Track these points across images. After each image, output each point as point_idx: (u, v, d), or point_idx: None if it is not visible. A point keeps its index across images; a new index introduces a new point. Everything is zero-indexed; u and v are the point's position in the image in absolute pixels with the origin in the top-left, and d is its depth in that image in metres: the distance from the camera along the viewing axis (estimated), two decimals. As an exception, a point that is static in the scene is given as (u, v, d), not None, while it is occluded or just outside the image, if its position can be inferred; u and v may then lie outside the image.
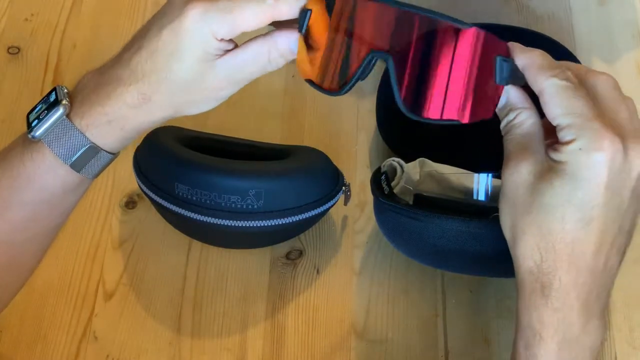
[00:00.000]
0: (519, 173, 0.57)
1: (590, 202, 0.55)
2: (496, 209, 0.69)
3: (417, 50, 0.56)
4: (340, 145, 0.84)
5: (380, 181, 0.73)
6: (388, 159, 0.74)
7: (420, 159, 0.75)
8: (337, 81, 0.59)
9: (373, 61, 0.57)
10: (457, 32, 0.56)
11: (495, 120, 0.62)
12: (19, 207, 0.60)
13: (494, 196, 0.71)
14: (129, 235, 0.80)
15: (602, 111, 0.56)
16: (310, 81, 0.60)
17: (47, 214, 0.61)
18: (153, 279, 0.78)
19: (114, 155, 0.61)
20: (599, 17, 0.94)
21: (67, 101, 0.58)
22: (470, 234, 0.67)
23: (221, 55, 0.57)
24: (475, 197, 0.71)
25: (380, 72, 0.84)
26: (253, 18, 0.56)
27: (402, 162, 0.74)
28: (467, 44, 0.56)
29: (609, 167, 0.54)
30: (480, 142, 0.82)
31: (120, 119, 0.58)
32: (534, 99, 0.58)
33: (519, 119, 0.58)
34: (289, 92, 0.88)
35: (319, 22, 0.58)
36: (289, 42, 0.58)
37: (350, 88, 0.58)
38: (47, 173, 0.59)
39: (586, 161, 0.54)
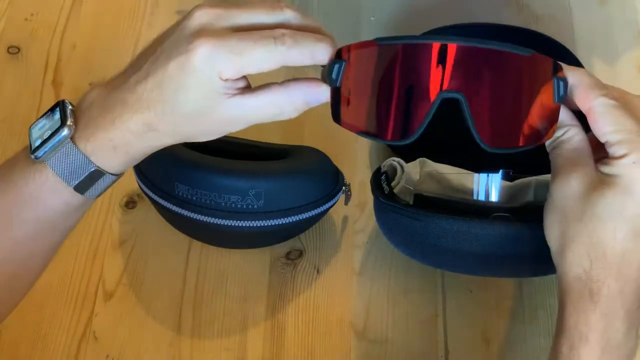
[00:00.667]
0: (570, 185, 0.59)
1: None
2: (496, 209, 0.69)
3: (487, 85, 0.58)
4: (340, 145, 0.84)
5: (381, 181, 0.73)
6: (388, 159, 0.74)
7: (420, 159, 0.75)
8: (401, 128, 0.58)
9: (442, 102, 0.57)
10: (521, 60, 0.58)
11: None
12: (22, 225, 0.59)
13: (502, 196, 0.71)
14: (129, 235, 0.80)
15: None
16: (366, 134, 0.59)
17: (49, 233, 0.61)
18: (153, 279, 0.78)
19: (119, 176, 0.60)
20: (599, 17, 0.94)
21: (72, 121, 0.58)
22: (470, 234, 0.67)
23: (232, 95, 0.56)
24: (475, 197, 0.71)
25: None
26: (262, 61, 0.55)
27: (402, 162, 0.74)
28: (532, 70, 0.58)
29: None
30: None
31: (126, 145, 0.57)
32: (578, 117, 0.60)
33: (567, 135, 0.60)
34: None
35: (353, 70, 0.57)
36: (304, 96, 0.57)
37: (420, 134, 0.58)
38: (50, 194, 0.58)
39: (638, 175, 0.56)
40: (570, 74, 0.59)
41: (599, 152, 0.59)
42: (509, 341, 0.74)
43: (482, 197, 0.71)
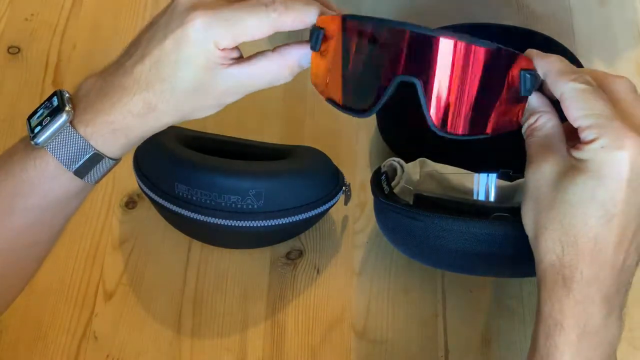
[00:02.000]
0: (542, 172, 0.58)
1: (612, 199, 0.56)
2: (496, 209, 0.69)
3: (441, 72, 0.58)
4: (340, 145, 0.84)
5: (381, 181, 0.73)
6: (388, 159, 0.74)
7: (420, 159, 0.75)
8: (361, 103, 0.60)
9: (399, 84, 0.58)
10: (476, 52, 0.58)
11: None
12: (23, 212, 0.60)
13: (498, 197, 0.71)
14: (129, 235, 0.80)
15: (621, 113, 0.57)
16: (331, 100, 0.61)
17: (50, 220, 0.61)
18: (153, 279, 0.78)
19: (117, 160, 0.61)
20: (599, 17, 0.94)
21: (70, 107, 0.58)
22: (470, 234, 0.67)
23: (228, 65, 0.57)
24: (475, 197, 0.71)
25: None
26: (256, 29, 0.56)
27: (402, 162, 0.74)
28: (488, 62, 0.58)
29: (630, 164, 0.56)
30: (480, 143, 0.82)
31: (125, 127, 0.58)
32: (553, 103, 0.60)
33: (539, 121, 0.60)
34: (289, 92, 0.88)
35: (333, 41, 0.59)
36: (298, 59, 0.59)
37: (376, 111, 0.60)
38: (50, 180, 0.59)
39: (609, 159, 0.56)
40: (543, 61, 0.59)
41: (575, 139, 0.59)
42: (509, 341, 0.74)
43: (482, 197, 0.71)
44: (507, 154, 0.76)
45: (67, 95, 0.60)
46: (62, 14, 0.95)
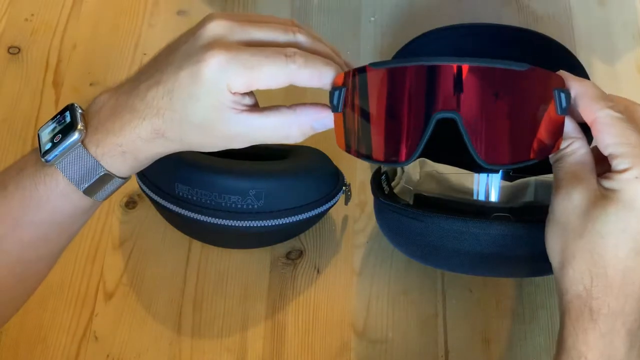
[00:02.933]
0: (571, 199, 0.58)
1: None
2: (496, 209, 0.69)
3: (483, 102, 0.58)
4: (340, 145, 0.84)
5: (381, 181, 0.73)
6: (388, 159, 0.74)
7: (420, 159, 0.75)
8: (400, 151, 0.59)
9: (438, 121, 0.58)
10: (514, 75, 0.57)
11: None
12: (31, 227, 0.60)
13: (502, 196, 0.71)
14: (129, 235, 0.80)
15: None
16: (367, 157, 0.60)
17: (58, 235, 0.61)
18: (153, 278, 0.78)
19: (126, 179, 0.61)
20: (599, 17, 0.94)
21: (83, 126, 0.58)
22: (470, 234, 0.67)
23: (239, 110, 0.56)
24: (475, 197, 0.71)
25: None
26: (272, 77, 0.55)
27: (402, 162, 0.74)
28: (527, 85, 0.58)
29: None
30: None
31: (134, 150, 0.58)
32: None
33: (571, 147, 0.59)
34: (289, 92, 0.88)
35: (357, 95, 0.58)
36: (312, 121, 0.58)
37: (417, 156, 0.59)
38: (60, 197, 0.59)
39: None
40: (575, 84, 0.59)
41: (603, 165, 0.59)
42: (509, 341, 0.74)
43: (482, 197, 0.71)
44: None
45: (80, 111, 0.59)
46: (62, 14, 0.95)
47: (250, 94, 0.57)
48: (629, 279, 0.56)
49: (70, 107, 0.59)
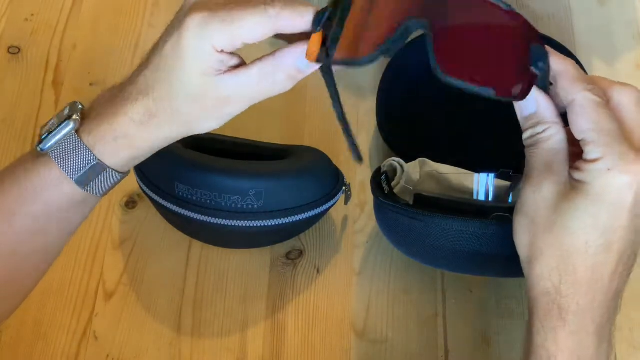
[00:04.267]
0: (541, 191, 0.56)
1: (613, 227, 0.54)
2: (496, 209, 0.69)
3: (454, 19, 0.55)
4: (340, 145, 0.84)
5: (381, 181, 0.73)
6: (388, 159, 0.74)
7: (421, 159, 0.75)
8: (366, 49, 0.54)
9: (409, 29, 0.54)
10: (497, 10, 0.56)
11: (496, 120, 0.61)
12: (25, 218, 0.59)
13: (497, 197, 0.71)
14: (129, 235, 0.80)
15: (627, 131, 0.55)
16: (326, 61, 0.55)
17: (52, 228, 0.61)
18: (153, 279, 0.78)
19: (123, 174, 0.60)
20: (599, 17, 0.94)
21: (78, 117, 0.58)
22: (470, 234, 0.67)
23: (224, 72, 0.55)
24: (475, 197, 0.72)
25: (381, 71, 0.84)
26: (254, 29, 0.54)
27: (402, 162, 0.74)
28: (511, 27, 0.56)
29: (635, 190, 0.54)
30: (480, 143, 0.82)
31: (127, 136, 0.57)
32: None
33: (547, 132, 0.57)
34: (289, 92, 0.88)
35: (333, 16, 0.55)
36: (294, 60, 0.56)
37: (380, 55, 0.54)
38: (53, 187, 0.58)
39: (612, 183, 0.53)
40: (558, 61, 0.57)
41: (576, 159, 0.56)
42: (509, 341, 0.74)
43: (482, 197, 0.71)
44: (507, 154, 0.76)
45: (80, 106, 0.59)
46: (62, 14, 0.95)
47: (237, 55, 0.56)
48: (598, 275, 0.55)
49: (71, 103, 0.60)
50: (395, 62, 0.84)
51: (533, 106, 0.57)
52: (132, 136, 0.57)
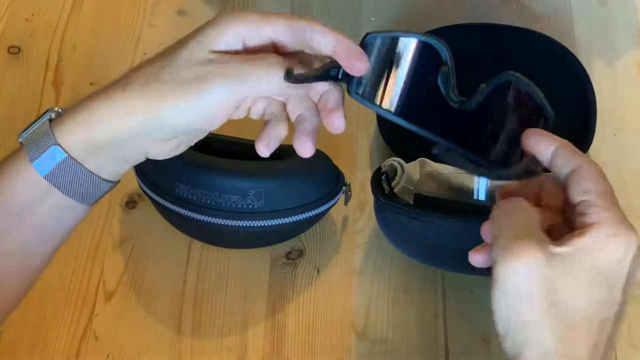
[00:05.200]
0: (518, 271, 0.53)
1: (611, 301, 0.53)
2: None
3: None
4: (340, 145, 0.84)
5: (381, 181, 0.73)
6: (388, 159, 0.74)
7: (421, 159, 0.75)
8: None
9: None
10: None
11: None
12: None
13: (493, 196, 0.71)
14: (129, 235, 0.80)
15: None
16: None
17: (19, 225, 0.57)
18: (153, 278, 0.78)
19: (89, 171, 0.56)
20: (599, 17, 0.94)
21: (61, 109, 0.57)
22: (470, 234, 0.67)
23: (220, 51, 0.54)
24: (475, 197, 0.72)
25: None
26: (282, 26, 0.55)
27: (402, 162, 0.74)
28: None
29: (631, 259, 0.53)
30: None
31: (88, 112, 0.54)
32: None
33: (512, 202, 0.56)
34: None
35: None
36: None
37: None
38: (18, 177, 0.56)
39: (613, 249, 0.53)
40: (554, 139, 0.56)
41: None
42: (509, 341, 0.74)
43: (482, 197, 0.71)
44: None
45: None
46: (62, 14, 0.95)
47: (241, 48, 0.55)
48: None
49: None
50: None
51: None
52: (93, 112, 0.54)
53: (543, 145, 0.56)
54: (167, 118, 0.54)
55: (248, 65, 0.54)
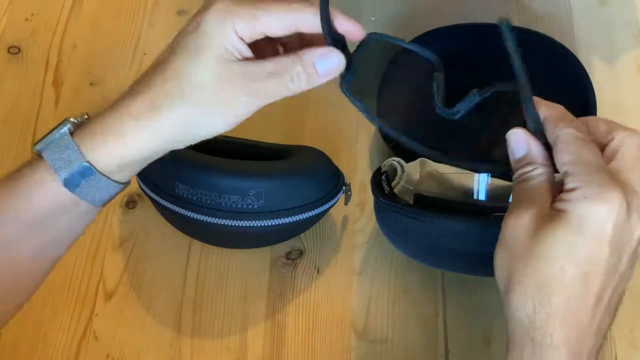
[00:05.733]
0: (520, 220, 0.55)
1: (590, 256, 0.53)
2: (496, 209, 0.69)
3: None
4: (340, 145, 0.84)
5: (381, 181, 0.73)
6: (388, 159, 0.74)
7: (421, 159, 0.75)
8: None
9: None
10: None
11: (496, 120, 0.61)
12: (14, 222, 0.57)
13: (493, 196, 0.71)
14: (129, 235, 0.80)
15: (616, 168, 0.55)
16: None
17: (40, 234, 0.58)
18: (153, 279, 0.78)
19: (116, 182, 0.58)
20: (599, 17, 0.94)
21: (77, 120, 0.57)
22: (470, 234, 0.67)
23: (239, 59, 0.55)
24: (475, 197, 0.72)
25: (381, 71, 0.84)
26: (276, 20, 0.54)
27: (402, 162, 0.74)
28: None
29: (613, 222, 0.53)
30: (480, 142, 0.82)
31: (119, 134, 0.55)
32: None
33: (535, 172, 0.57)
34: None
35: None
36: (314, 59, 0.56)
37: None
38: (40, 189, 0.56)
39: (590, 212, 0.52)
40: (545, 107, 0.57)
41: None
42: (509, 341, 0.74)
43: (482, 197, 0.71)
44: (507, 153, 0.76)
45: (85, 116, 0.58)
46: (62, 14, 0.95)
47: (249, 49, 0.56)
48: (574, 307, 0.53)
49: (81, 114, 0.59)
50: (396, 61, 0.84)
51: (524, 149, 0.58)
52: (124, 133, 0.55)
53: (540, 112, 0.57)
54: (200, 134, 0.57)
55: (271, 83, 0.56)
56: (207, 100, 0.55)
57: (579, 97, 0.84)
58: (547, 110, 0.57)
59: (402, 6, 0.96)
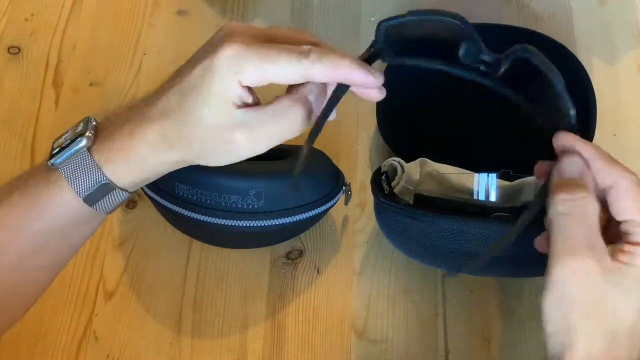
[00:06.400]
0: (574, 268, 0.54)
1: None
2: (497, 209, 0.69)
3: None
4: (340, 145, 0.84)
5: (381, 181, 0.73)
6: (388, 159, 0.74)
7: (421, 159, 0.75)
8: None
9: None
10: None
11: (496, 120, 0.61)
12: (30, 236, 0.59)
13: (502, 196, 0.71)
14: (129, 235, 0.80)
15: None
16: None
17: (57, 244, 0.61)
18: (153, 278, 0.78)
19: (130, 193, 0.60)
20: (599, 17, 0.94)
21: (92, 134, 0.58)
22: (471, 234, 0.67)
23: (242, 106, 0.56)
24: (475, 197, 0.72)
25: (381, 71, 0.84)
26: (285, 71, 0.54)
27: (402, 162, 0.74)
28: None
29: None
30: (481, 142, 0.82)
31: (139, 158, 0.57)
32: None
33: (591, 206, 0.54)
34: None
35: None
36: (309, 92, 0.57)
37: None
38: (61, 205, 0.58)
39: None
40: (586, 147, 0.56)
41: (614, 237, 0.56)
42: (509, 341, 0.74)
43: (482, 197, 0.71)
44: (507, 153, 0.76)
45: (93, 122, 0.59)
46: (62, 14, 0.95)
47: (254, 94, 0.56)
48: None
49: (85, 118, 0.59)
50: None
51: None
52: (144, 159, 0.57)
53: (576, 156, 0.56)
54: (210, 163, 0.59)
55: (277, 128, 0.57)
56: (212, 141, 0.57)
57: (579, 98, 0.84)
58: (590, 150, 0.56)
59: (402, 6, 0.96)
